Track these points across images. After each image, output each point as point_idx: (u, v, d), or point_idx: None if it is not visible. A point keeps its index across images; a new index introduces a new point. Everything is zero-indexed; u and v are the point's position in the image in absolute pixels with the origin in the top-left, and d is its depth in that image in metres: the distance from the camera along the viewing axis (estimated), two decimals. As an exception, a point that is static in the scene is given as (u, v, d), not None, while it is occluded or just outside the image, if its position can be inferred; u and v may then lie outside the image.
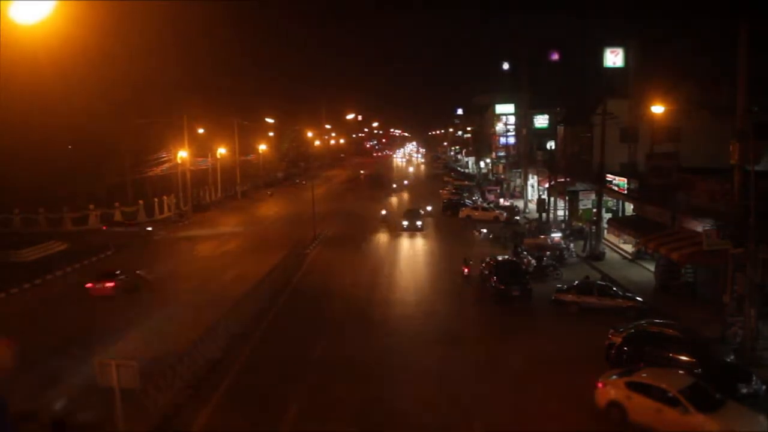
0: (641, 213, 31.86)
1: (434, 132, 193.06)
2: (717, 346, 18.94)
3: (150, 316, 24.44)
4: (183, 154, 54.02)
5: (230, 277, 30.58)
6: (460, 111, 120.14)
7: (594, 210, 35.90)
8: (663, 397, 14.74)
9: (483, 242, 39.29)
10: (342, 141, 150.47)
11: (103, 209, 48.17)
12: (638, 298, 24.76)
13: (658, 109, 27.93)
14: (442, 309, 25.76)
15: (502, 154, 72.50)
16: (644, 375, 15.79)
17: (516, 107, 66.85)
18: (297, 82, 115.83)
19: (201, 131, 63.19)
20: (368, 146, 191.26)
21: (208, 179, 64.14)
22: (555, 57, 56.38)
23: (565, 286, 25.99)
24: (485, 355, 20.43)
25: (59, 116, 45.55)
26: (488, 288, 26.81)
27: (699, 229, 23.46)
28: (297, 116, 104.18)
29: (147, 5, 47.62)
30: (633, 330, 18.88)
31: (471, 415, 16.26)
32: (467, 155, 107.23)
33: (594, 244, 34.40)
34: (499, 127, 71.43)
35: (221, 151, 65.87)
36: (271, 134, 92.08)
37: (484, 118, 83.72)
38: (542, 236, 36.73)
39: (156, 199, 52.01)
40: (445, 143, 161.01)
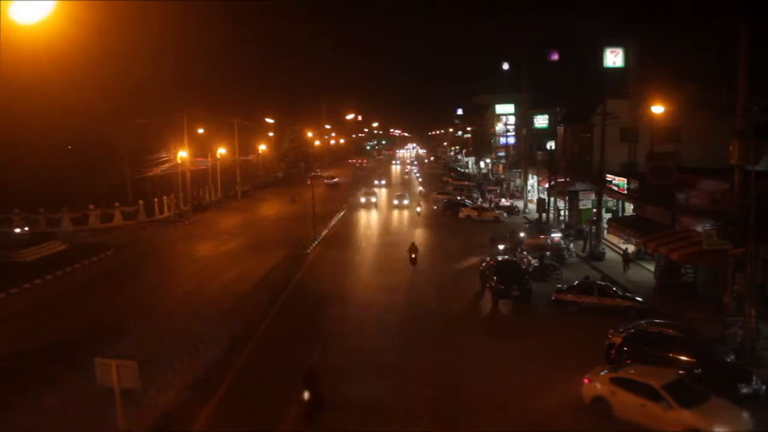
0: (641, 213, 31.86)
1: (434, 132, 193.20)
2: (717, 346, 18.94)
3: (150, 316, 24.46)
4: (183, 154, 53.99)
5: (230, 278, 30.57)
6: (460, 111, 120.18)
7: (594, 210, 35.91)
8: (647, 393, 14.83)
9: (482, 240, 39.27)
10: (342, 141, 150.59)
11: (103, 209, 48.15)
12: (638, 298, 24.77)
13: (658, 109, 27.92)
14: (442, 309, 25.77)
15: (502, 154, 72.50)
16: (631, 371, 15.93)
17: (516, 107, 66.85)
18: (297, 82, 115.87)
19: (201, 131, 63.18)
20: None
21: (208, 179, 64.12)
22: (555, 57, 56.42)
23: (565, 286, 26.00)
24: (485, 355, 20.43)
25: (59, 116, 45.53)
26: (488, 288, 26.81)
27: (699, 229, 23.48)
28: (297, 116, 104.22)
29: (147, 5, 47.64)
30: (633, 330, 18.89)
31: (470, 415, 16.27)
32: (467, 155, 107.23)
33: (594, 244, 34.41)
34: (499, 127, 71.43)
35: (221, 151, 65.85)
36: (271, 134, 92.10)
37: (484, 118, 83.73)
38: (542, 236, 36.73)
39: (156, 199, 51.98)
40: (445, 143, 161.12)
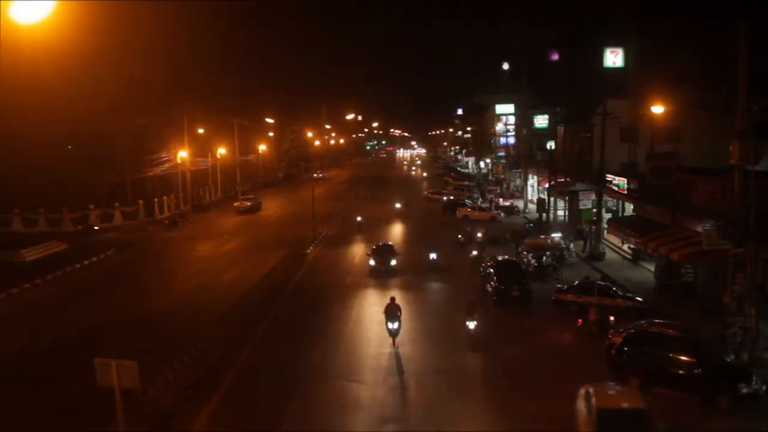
0: (641, 213, 31.86)
1: (434, 132, 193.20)
2: (717, 346, 18.94)
3: (150, 316, 24.46)
4: (183, 154, 54.02)
5: (230, 278, 30.59)
6: (460, 111, 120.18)
7: (594, 210, 35.90)
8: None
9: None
10: (342, 141, 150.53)
11: (103, 209, 48.16)
12: (638, 298, 24.76)
13: (658, 109, 27.92)
14: (442, 309, 25.75)
15: (502, 154, 72.50)
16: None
17: (516, 107, 66.87)
18: (297, 83, 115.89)
19: (201, 131, 63.20)
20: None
21: (208, 179, 64.13)
22: (555, 57, 56.38)
23: (565, 286, 25.98)
24: (485, 355, 20.43)
25: (59, 116, 45.56)
26: (488, 288, 26.81)
27: (699, 229, 23.46)
28: (297, 116, 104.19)
29: (147, 5, 47.67)
30: (633, 330, 18.87)
31: (470, 414, 16.27)
32: (467, 155, 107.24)
33: (594, 244, 34.41)
34: (499, 127, 71.44)
35: (221, 151, 65.86)
36: (271, 134, 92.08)
37: (484, 118, 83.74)
38: (542, 236, 36.72)
39: (156, 199, 52.00)
40: (445, 143, 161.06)
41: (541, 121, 59.49)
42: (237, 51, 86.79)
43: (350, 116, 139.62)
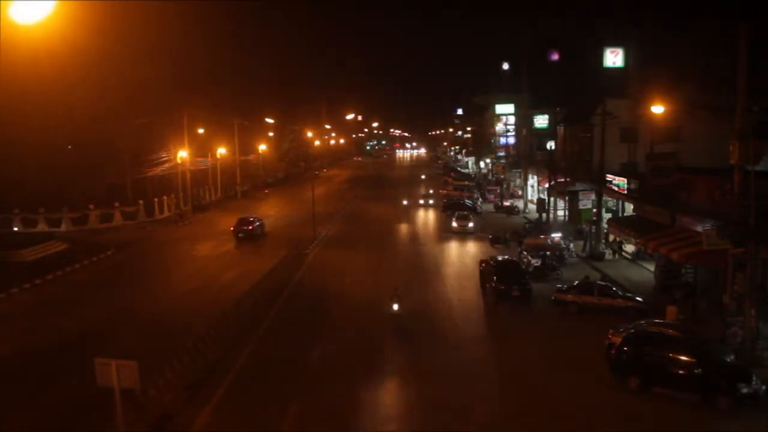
0: (641, 213, 31.86)
1: (434, 132, 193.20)
2: (717, 346, 18.94)
3: (150, 316, 24.46)
4: (183, 154, 54.00)
5: (230, 278, 30.58)
6: (460, 111, 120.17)
7: (594, 210, 35.89)
8: None
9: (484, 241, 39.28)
10: (342, 141, 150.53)
11: (103, 209, 48.15)
12: (638, 298, 24.78)
13: (658, 109, 27.90)
14: (442, 309, 25.76)
15: (502, 154, 72.46)
16: None
17: (516, 107, 66.86)
18: (297, 82, 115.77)
19: (201, 131, 63.18)
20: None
21: (208, 179, 64.11)
22: (555, 57, 56.35)
23: (565, 286, 26.00)
24: (485, 355, 20.44)
25: (59, 116, 45.53)
26: (488, 288, 26.81)
27: (699, 229, 23.46)
28: (297, 116, 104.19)
29: (147, 5, 47.63)
30: (633, 330, 18.88)
31: (470, 414, 16.27)
32: (467, 155, 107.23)
33: (594, 244, 34.40)
34: (499, 127, 71.42)
35: (221, 151, 65.84)
36: (271, 134, 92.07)
37: (484, 118, 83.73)
38: (542, 236, 36.71)
39: (156, 199, 51.98)
40: (445, 143, 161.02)
41: (541, 121, 59.44)
42: (237, 51, 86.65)
43: (350, 116, 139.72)
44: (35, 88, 40.08)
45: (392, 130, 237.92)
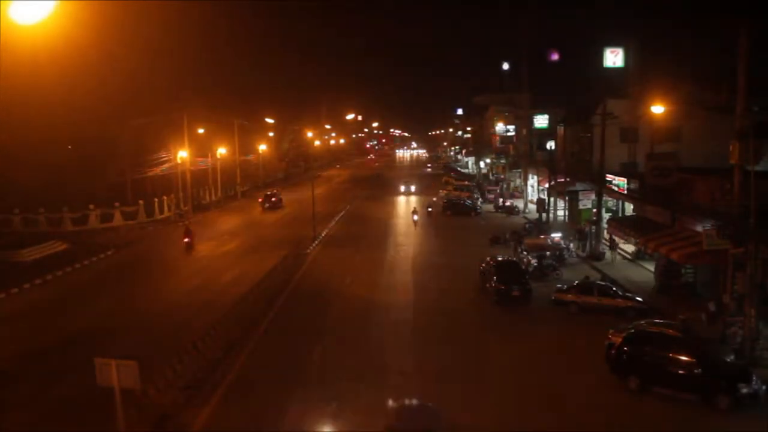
0: (641, 213, 31.86)
1: (434, 132, 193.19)
2: (717, 346, 18.94)
3: (150, 316, 24.46)
4: (183, 154, 53.97)
5: (230, 277, 30.58)
6: (460, 111, 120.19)
7: (594, 210, 35.89)
8: None
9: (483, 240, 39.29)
10: (342, 141, 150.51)
11: (103, 209, 48.15)
12: (638, 298, 24.78)
13: (658, 109, 27.92)
14: (442, 309, 25.76)
15: (501, 156, 72.45)
16: None
17: (516, 107, 66.82)
18: (297, 82, 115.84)
19: (201, 131, 63.15)
20: (368, 146, 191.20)
21: (208, 179, 64.10)
22: (555, 57, 56.39)
23: (565, 286, 26.01)
24: (485, 355, 20.44)
25: (59, 116, 45.54)
26: (488, 288, 26.81)
27: (699, 229, 23.47)
28: (297, 116, 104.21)
29: (147, 5, 47.65)
30: (633, 330, 18.88)
31: (469, 414, 16.27)
32: (467, 155, 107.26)
33: (594, 244, 34.40)
34: (499, 127, 71.39)
35: (221, 151, 65.83)
36: (271, 134, 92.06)
37: (484, 118, 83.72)
38: (542, 236, 36.72)
39: (156, 199, 51.98)
40: (445, 143, 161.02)
41: (541, 121, 59.38)
42: (237, 51, 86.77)
43: (350, 116, 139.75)
44: (36, 89, 40.08)
45: (392, 130, 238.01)
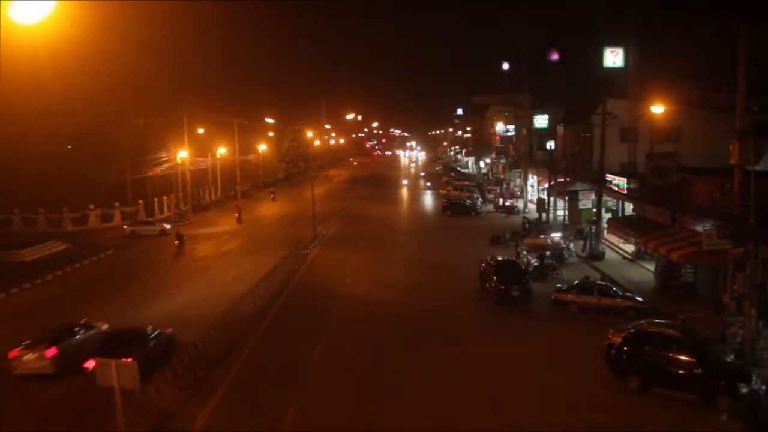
0: (641, 213, 31.86)
1: (434, 132, 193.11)
2: (717, 346, 18.93)
3: (151, 316, 24.45)
4: (183, 154, 53.98)
5: (230, 277, 30.56)
6: (460, 111, 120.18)
7: (594, 210, 35.89)
8: None
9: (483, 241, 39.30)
10: (342, 141, 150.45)
11: (103, 209, 48.15)
12: (638, 298, 24.77)
13: (658, 109, 27.92)
14: (442, 309, 25.76)
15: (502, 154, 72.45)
16: None
17: (515, 107, 66.83)
18: (297, 82, 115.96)
19: (201, 131, 63.16)
20: (368, 146, 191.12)
21: (208, 179, 64.11)
22: (555, 57, 56.34)
23: (565, 286, 26.01)
24: (485, 355, 20.43)
25: (59, 117, 45.57)
26: (488, 288, 26.80)
27: (699, 229, 23.47)
28: (297, 116, 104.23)
29: (147, 5, 47.66)
30: (633, 330, 18.88)
31: (472, 416, 16.27)
32: (467, 155, 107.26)
33: (594, 244, 34.39)
34: (499, 127, 71.40)
35: (221, 151, 65.85)
36: (271, 134, 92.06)
37: (484, 118, 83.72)
38: (542, 236, 36.71)
39: (156, 199, 51.99)
40: (445, 143, 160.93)
41: (541, 121, 59.38)
42: (237, 51, 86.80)
43: (350, 116, 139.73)
44: (36, 89, 40.10)
45: (392, 130, 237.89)
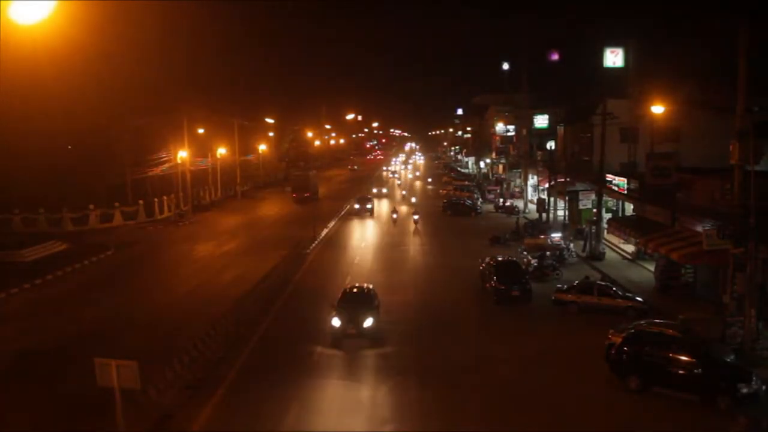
0: (641, 213, 31.86)
1: (434, 132, 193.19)
2: (717, 346, 18.92)
3: (150, 316, 24.45)
4: (183, 154, 53.97)
5: (230, 278, 30.57)
6: (460, 111, 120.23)
7: (594, 210, 35.89)
8: None
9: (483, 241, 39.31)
10: (342, 141, 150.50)
11: (103, 209, 48.15)
12: (638, 298, 24.77)
13: (658, 109, 27.92)
14: (442, 309, 25.75)
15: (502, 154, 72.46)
16: None
17: (515, 107, 66.86)
18: (297, 82, 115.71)
19: (201, 131, 63.15)
20: (368, 146, 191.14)
21: (208, 179, 64.11)
22: (555, 57, 56.39)
23: (565, 286, 26.00)
24: (485, 355, 20.43)
25: (59, 117, 45.50)
26: (488, 288, 26.80)
27: (699, 229, 23.47)
28: (297, 116, 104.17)
29: (147, 5, 47.58)
30: (633, 330, 18.88)
31: (472, 416, 16.27)
32: (467, 155, 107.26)
33: (594, 244, 34.39)
34: (499, 127, 71.43)
35: (221, 151, 65.85)
36: (271, 134, 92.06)
37: (484, 118, 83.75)
38: (542, 236, 36.72)
39: (156, 199, 51.99)
40: (445, 143, 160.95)
41: (541, 121, 59.37)
42: (237, 51, 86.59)
43: (350, 116, 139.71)
44: (36, 89, 40.06)
45: (392, 130, 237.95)
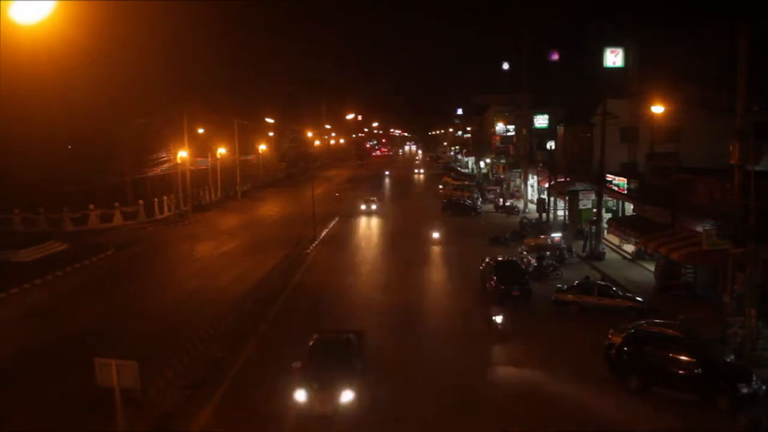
0: (641, 213, 31.87)
1: (434, 132, 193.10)
2: (717, 346, 18.94)
3: (150, 316, 24.46)
4: (183, 154, 53.98)
5: (230, 278, 30.57)
6: (460, 111, 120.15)
7: (594, 210, 35.88)
8: None
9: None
10: (342, 141, 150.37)
11: (103, 209, 48.15)
12: (638, 298, 24.77)
13: (658, 109, 27.92)
14: (442, 309, 25.74)
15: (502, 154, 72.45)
16: None
17: (515, 107, 66.86)
18: (297, 82, 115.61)
19: (201, 131, 63.15)
20: (368, 146, 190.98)
21: (208, 179, 64.12)
22: (555, 57, 56.35)
23: (565, 286, 26.01)
24: (485, 355, 20.44)
25: (59, 116, 45.49)
26: (488, 288, 26.79)
27: (699, 229, 23.47)
28: (297, 116, 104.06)
29: (147, 5, 47.58)
30: (633, 330, 18.88)
31: (473, 416, 16.27)
32: (467, 155, 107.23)
33: (594, 244, 34.39)
34: (499, 127, 71.42)
35: (221, 151, 65.84)
36: (271, 134, 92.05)
37: (484, 118, 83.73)
38: (542, 236, 36.72)
39: (156, 199, 51.99)
40: (445, 143, 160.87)
41: (541, 121, 59.36)
42: (237, 51, 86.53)
43: (350, 116, 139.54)
44: (35, 89, 40.03)
45: (392, 130, 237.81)
